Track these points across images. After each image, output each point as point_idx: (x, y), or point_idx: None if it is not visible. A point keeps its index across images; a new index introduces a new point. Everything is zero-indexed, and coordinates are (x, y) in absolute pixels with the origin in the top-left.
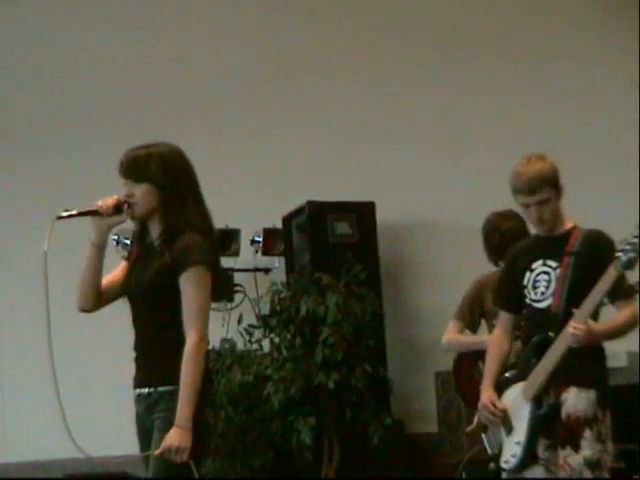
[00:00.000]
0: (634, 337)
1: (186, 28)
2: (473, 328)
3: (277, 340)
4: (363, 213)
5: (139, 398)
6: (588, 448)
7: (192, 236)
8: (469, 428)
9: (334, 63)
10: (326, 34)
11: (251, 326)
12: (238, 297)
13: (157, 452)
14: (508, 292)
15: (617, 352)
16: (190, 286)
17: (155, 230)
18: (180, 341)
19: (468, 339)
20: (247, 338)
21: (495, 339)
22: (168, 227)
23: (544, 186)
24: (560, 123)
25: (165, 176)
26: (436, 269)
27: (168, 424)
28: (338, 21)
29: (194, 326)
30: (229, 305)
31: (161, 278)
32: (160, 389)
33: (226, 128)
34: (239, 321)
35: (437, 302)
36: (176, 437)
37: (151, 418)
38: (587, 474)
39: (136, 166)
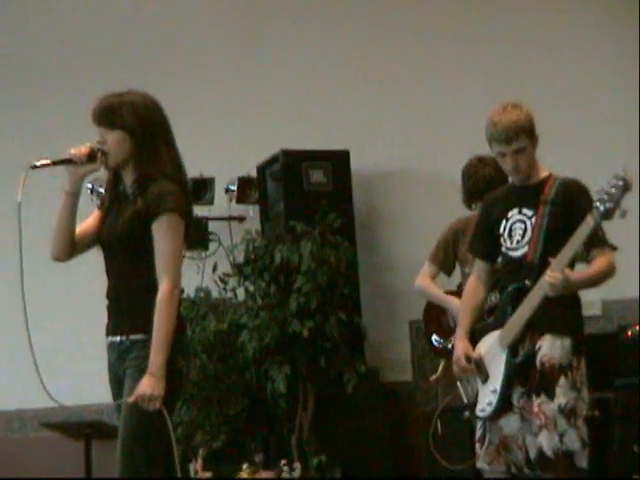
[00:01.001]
0: (609, 286)
1: None
2: (447, 272)
3: (252, 288)
4: (338, 161)
5: (111, 346)
6: (563, 396)
7: (165, 184)
8: (434, 376)
9: (307, 10)
10: None
11: (226, 274)
12: (213, 245)
13: (130, 400)
14: (483, 240)
15: (592, 301)
16: (163, 233)
17: (128, 178)
18: (153, 289)
19: (437, 294)
20: (222, 286)
21: (469, 288)
22: (141, 174)
23: (520, 135)
24: (540, 71)
25: (138, 123)
26: (410, 218)
27: (140, 372)
28: None
29: (167, 273)
30: (203, 254)
31: (134, 225)
32: (132, 337)
33: (201, 77)
34: (214, 269)
35: (411, 250)
36: (149, 385)
37: (123, 366)
38: (561, 422)
39: (109, 113)
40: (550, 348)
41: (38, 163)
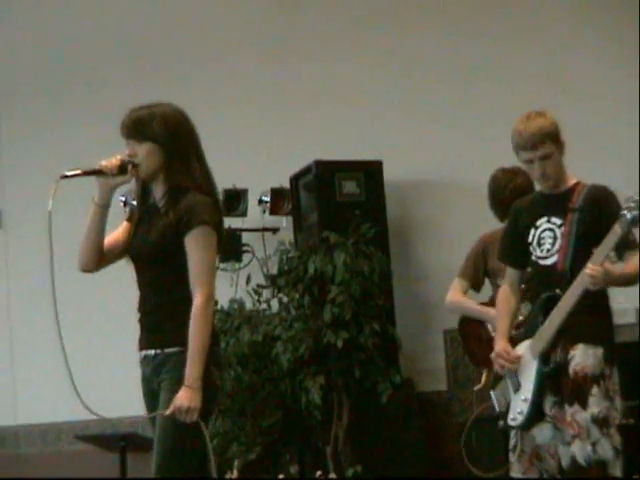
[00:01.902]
0: None
1: None
2: (477, 286)
3: (285, 300)
4: (371, 172)
5: (145, 360)
6: (595, 405)
7: (196, 196)
8: (477, 386)
9: (339, 20)
10: None
11: (259, 286)
12: (246, 257)
13: (167, 413)
14: (512, 247)
15: (626, 308)
16: (196, 246)
17: (158, 191)
18: (187, 302)
19: (473, 307)
20: (255, 298)
21: (503, 294)
22: (172, 186)
23: (546, 141)
24: (566, 84)
25: (168, 135)
26: (443, 227)
27: (176, 385)
28: None
29: (201, 286)
30: (237, 265)
31: (166, 238)
32: (167, 350)
33: (233, 89)
34: (247, 281)
35: (445, 260)
36: (186, 397)
37: (158, 380)
38: (595, 431)
39: (139, 125)
40: (583, 357)
41: (69, 173)
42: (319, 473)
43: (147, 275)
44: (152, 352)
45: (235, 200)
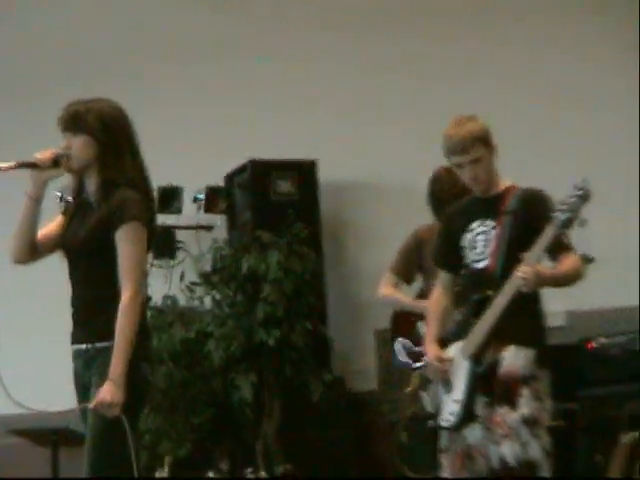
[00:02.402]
0: (574, 297)
1: None
2: (408, 281)
3: (218, 297)
4: (305, 172)
5: (77, 354)
6: (525, 406)
7: (128, 191)
8: (408, 389)
9: (275, 20)
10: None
11: (193, 283)
12: (180, 254)
13: (90, 406)
14: (446, 253)
15: (556, 311)
16: (125, 241)
17: (91, 185)
18: (117, 297)
19: (407, 301)
20: (189, 295)
21: (434, 299)
22: (105, 181)
23: (476, 144)
24: (500, 89)
25: (103, 129)
26: (376, 228)
27: (105, 379)
28: None
29: (129, 281)
30: (171, 262)
31: (97, 233)
32: (97, 345)
33: (169, 86)
34: (181, 278)
35: (377, 261)
36: (108, 392)
37: (89, 373)
38: (524, 432)
39: (75, 119)
40: (513, 359)
41: (2, 165)
42: (249, 470)
43: (78, 269)
44: (83, 346)
45: (170, 197)
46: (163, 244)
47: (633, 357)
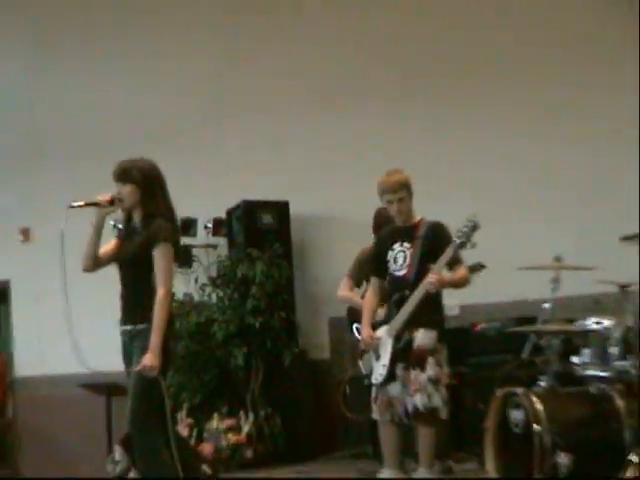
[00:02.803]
0: (464, 294)
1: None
2: (358, 284)
3: (221, 294)
4: (281, 208)
5: (124, 332)
6: (431, 369)
7: (161, 221)
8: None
9: (267, 76)
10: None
11: (204, 284)
12: (195, 265)
13: (137, 369)
14: (378, 264)
15: (452, 305)
16: (160, 256)
17: (137, 217)
18: (153, 294)
19: (357, 300)
20: (201, 293)
21: (368, 297)
22: (146, 214)
23: (402, 188)
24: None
25: (143, 179)
26: (330, 248)
27: (144, 350)
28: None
29: (163, 283)
30: (189, 270)
31: (141, 250)
32: (139, 326)
33: (186, 145)
34: (196, 281)
35: (330, 270)
36: (149, 359)
37: (132, 346)
38: (430, 387)
39: (125, 173)
40: (423, 338)
41: (75, 204)
42: (241, 412)
43: (127, 274)
44: (129, 327)
45: (189, 226)
46: (184, 257)
47: (504, 337)
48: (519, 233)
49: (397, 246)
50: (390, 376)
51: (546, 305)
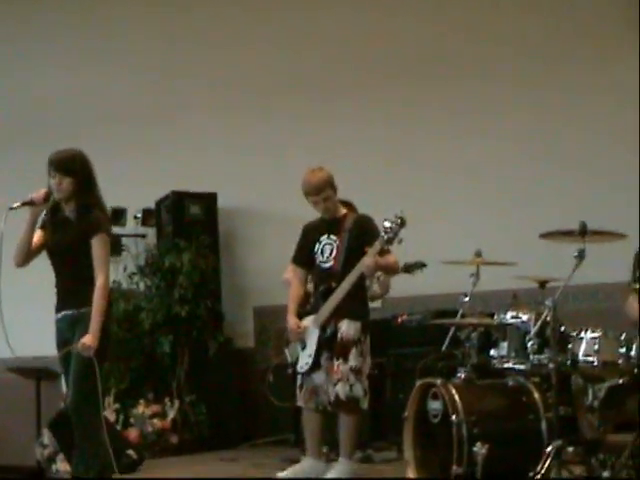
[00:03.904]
0: (387, 288)
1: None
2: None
3: (149, 283)
4: (208, 199)
5: (64, 317)
6: (354, 360)
7: (98, 212)
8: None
9: (198, 71)
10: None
11: (132, 273)
12: (124, 254)
13: (77, 349)
14: (302, 255)
15: (377, 297)
16: (99, 246)
17: (70, 207)
18: (90, 280)
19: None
20: (129, 281)
21: (294, 287)
22: (81, 205)
23: (325, 187)
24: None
25: (82, 171)
26: (256, 240)
27: (85, 333)
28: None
29: (102, 271)
30: (118, 258)
31: (78, 240)
32: (82, 310)
33: (116, 135)
34: (124, 269)
35: (256, 261)
36: (88, 338)
37: (72, 330)
38: (352, 377)
39: (65, 164)
40: (347, 328)
41: (14, 205)
42: (167, 399)
43: (63, 264)
44: (70, 312)
45: (119, 215)
46: (113, 246)
47: (425, 329)
48: (442, 228)
49: (324, 238)
50: (315, 365)
51: (466, 299)
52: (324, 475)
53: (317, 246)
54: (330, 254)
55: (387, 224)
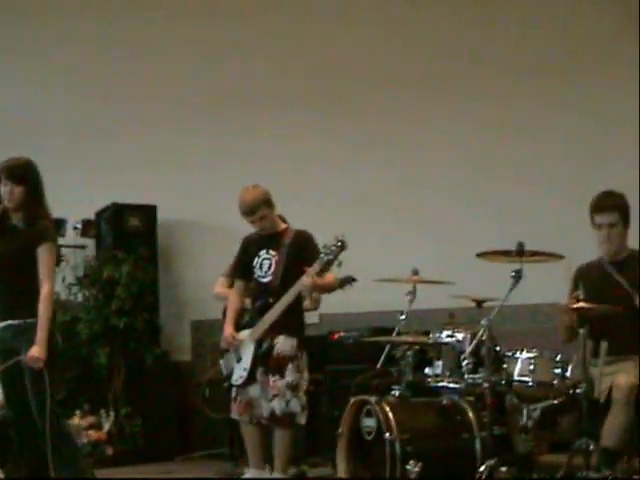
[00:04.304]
0: (323, 304)
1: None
2: (231, 286)
3: (87, 294)
4: (149, 212)
5: (9, 327)
6: (290, 375)
7: (46, 222)
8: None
9: (142, 82)
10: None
11: (71, 284)
12: (63, 264)
13: (26, 360)
14: (241, 268)
15: (312, 314)
16: (46, 255)
17: (18, 216)
18: (36, 290)
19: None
20: (68, 291)
21: (232, 298)
22: (30, 215)
23: (260, 206)
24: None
25: (34, 180)
26: (195, 253)
27: (33, 344)
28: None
29: (48, 280)
30: (57, 269)
31: (25, 249)
32: (28, 320)
33: (58, 146)
34: (63, 280)
35: (194, 274)
36: (36, 350)
37: (19, 340)
38: (288, 393)
39: (17, 173)
40: (283, 344)
41: None
42: (103, 410)
43: (8, 272)
44: (16, 322)
45: (58, 226)
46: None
47: (361, 346)
48: (379, 246)
49: (263, 253)
50: (250, 379)
51: (402, 317)
52: None
53: (256, 260)
54: (269, 269)
55: (327, 245)
